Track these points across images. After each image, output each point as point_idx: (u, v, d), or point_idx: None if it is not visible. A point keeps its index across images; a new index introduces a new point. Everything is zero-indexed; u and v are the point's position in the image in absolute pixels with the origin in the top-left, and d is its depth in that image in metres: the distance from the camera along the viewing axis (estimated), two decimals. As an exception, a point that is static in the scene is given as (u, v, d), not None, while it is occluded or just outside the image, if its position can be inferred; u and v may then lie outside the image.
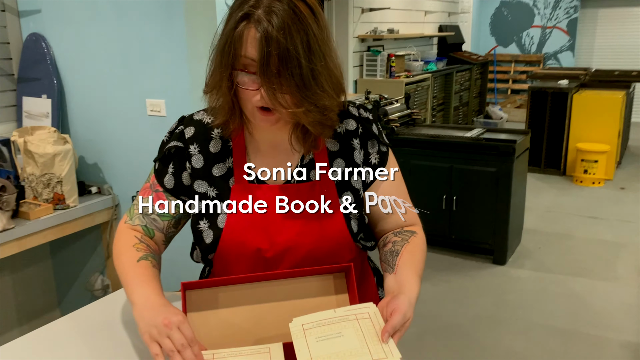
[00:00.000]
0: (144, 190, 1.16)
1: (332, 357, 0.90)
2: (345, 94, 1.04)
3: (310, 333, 0.94)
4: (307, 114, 0.96)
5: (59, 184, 2.28)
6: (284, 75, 0.92)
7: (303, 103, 0.95)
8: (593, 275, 3.41)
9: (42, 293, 2.80)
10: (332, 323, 0.95)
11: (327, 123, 1.02)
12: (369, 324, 0.95)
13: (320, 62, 0.95)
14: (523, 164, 3.68)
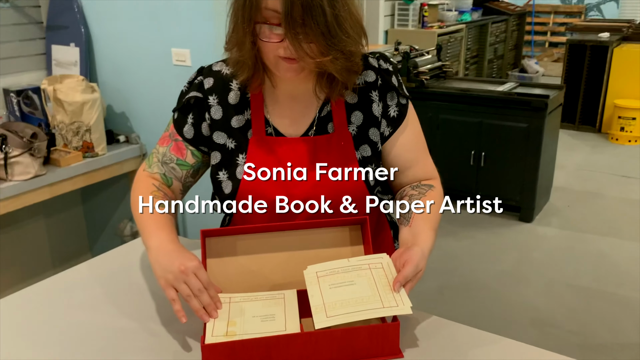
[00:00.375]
0: (163, 139, 1.16)
1: (343, 303, 0.92)
2: (367, 38, 1.01)
3: (323, 280, 0.96)
4: (334, 61, 0.95)
5: (87, 132, 2.32)
6: (308, 25, 0.90)
7: (330, 51, 0.93)
8: (622, 235, 3.36)
9: (74, 238, 2.91)
10: (345, 272, 0.97)
11: (354, 69, 1.01)
12: (382, 274, 0.96)
13: (343, 7, 0.93)
14: (555, 120, 3.58)
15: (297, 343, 0.89)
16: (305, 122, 1.09)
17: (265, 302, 0.97)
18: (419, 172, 1.15)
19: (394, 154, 1.13)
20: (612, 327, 2.51)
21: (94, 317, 1.06)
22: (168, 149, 1.15)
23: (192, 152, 1.14)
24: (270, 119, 1.09)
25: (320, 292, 0.94)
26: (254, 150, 1.07)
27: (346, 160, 1.07)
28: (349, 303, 0.92)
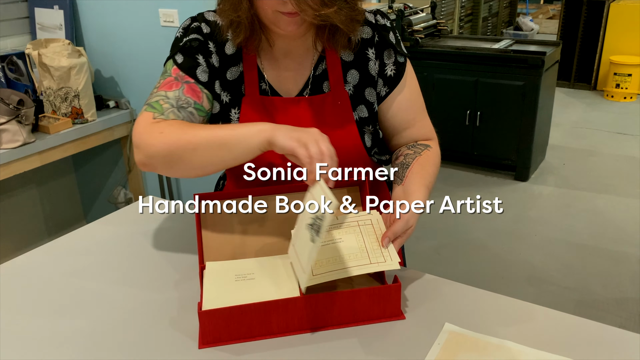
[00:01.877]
0: (167, 85, 0.99)
1: (330, 260, 0.90)
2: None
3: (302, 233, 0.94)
4: (338, 12, 0.90)
5: (76, 97, 2.26)
6: None
7: (334, 1, 0.88)
8: (617, 192, 3.36)
9: (68, 205, 2.88)
10: (333, 229, 0.95)
11: (358, 18, 0.96)
12: (370, 230, 0.95)
13: None
14: (552, 77, 3.54)
15: (297, 307, 0.88)
16: (301, 80, 1.05)
17: (262, 267, 0.96)
18: (416, 133, 1.11)
19: (390, 114, 1.09)
20: (608, 282, 2.53)
21: (90, 284, 1.05)
22: (181, 91, 0.99)
23: (207, 95, 1.02)
24: (266, 75, 1.05)
25: (295, 252, 0.92)
26: (247, 109, 1.03)
27: (343, 120, 1.03)
28: (335, 260, 0.90)
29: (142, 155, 0.93)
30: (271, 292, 0.91)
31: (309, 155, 0.81)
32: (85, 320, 0.94)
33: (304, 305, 0.88)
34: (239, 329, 0.87)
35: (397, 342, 0.87)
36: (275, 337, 0.89)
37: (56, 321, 0.95)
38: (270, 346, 0.87)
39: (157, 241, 1.19)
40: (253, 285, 0.92)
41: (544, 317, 0.93)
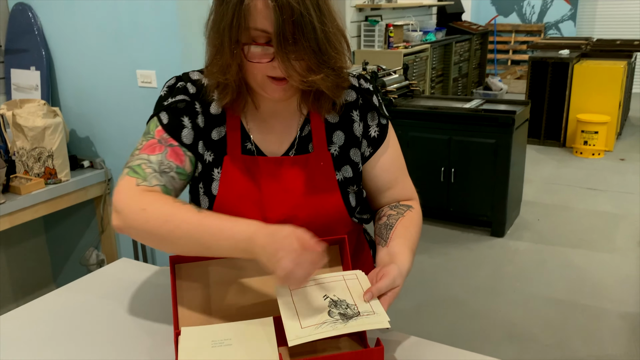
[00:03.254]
0: (150, 148, 0.99)
1: (317, 312, 0.87)
2: (350, 50, 0.99)
3: (295, 293, 0.91)
4: (325, 79, 0.92)
5: (50, 157, 2.23)
6: (300, 43, 0.87)
7: (321, 68, 0.90)
8: (592, 247, 3.40)
9: (37, 268, 2.79)
10: (318, 284, 0.93)
11: (343, 84, 0.99)
12: (357, 284, 0.93)
13: (332, 22, 0.91)
14: (522, 135, 3.63)
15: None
16: (286, 140, 1.06)
17: (240, 333, 0.92)
18: (398, 193, 1.12)
19: (374, 174, 1.10)
20: (588, 339, 2.51)
21: (61, 352, 0.99)
22: (164, 155, 0.99)
23: (190, 158, 1.02)
24: (251, 135, 1.05)
25: (293, 303, 0.89)
26: (229, 168, 1.02)
27: (326, 182, 1.04)
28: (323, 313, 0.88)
29: (121, 222, 0.93)
30: (247, 351, 0.87)
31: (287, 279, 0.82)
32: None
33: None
34: (216, 399, 0.83)
35: (381, 409, 0.84)
36: (253, 407, 0.84)
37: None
38: (248, 417, 0.83)
39: (131, 306, 1.14)
40: (230, 352, 0.88)
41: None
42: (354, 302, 0.90)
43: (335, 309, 0.89)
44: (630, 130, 6.05)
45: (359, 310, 0.89)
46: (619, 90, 5.17)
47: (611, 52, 5.78)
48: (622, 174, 4.67)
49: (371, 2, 5.47)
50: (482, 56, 7.71)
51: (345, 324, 0.86)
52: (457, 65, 6.80)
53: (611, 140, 5.25)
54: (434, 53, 6.14)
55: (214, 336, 0.91)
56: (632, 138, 5.75)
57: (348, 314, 0.88)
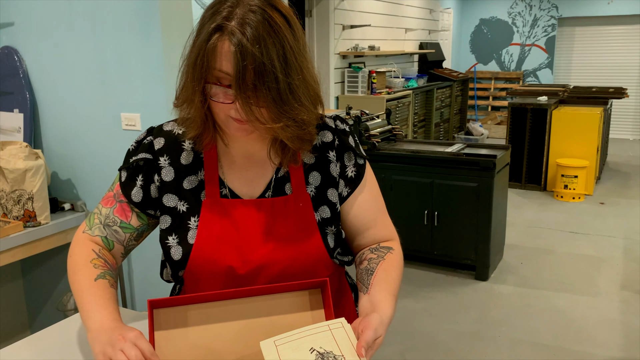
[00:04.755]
0: (106, 200, 1.10)
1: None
2: (323, 106, 1.00)
3: (282, 349, 0.89)
4: (285, 129, 0.92)
5: (29, 200, 2.20)
6: (260, 90, 0.88)
7: (281, 118, 0.90)
8: (575, 290, 3.40)
9: (12, 314, 2.70)
10: (304, 336, 0.91)
11: (306, 137, 0.98)
12: (343, 333, 0.91)
13: (297, 75, 0.91)
14: (504, 178, 3.68)
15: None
16: (262, 183, 1.06)
17: None
18: (378, 234, 1.12)
19: (352, 214, 1.10)
20: (574, 384, 2.48)
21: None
22: (112, 210, 1.08)
23: (138, 214, 1.09)
24: (225, 180, 1.05)
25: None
26: (207, 213, 1.02)
27: (305, 223, 1.03)
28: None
29: None
30: None
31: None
32: None
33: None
34: None
35: None
36: None
37: None
38: None
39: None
40: None
41: None
42: (341, 354, 0.89)
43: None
44: (608, 174, 6.16)
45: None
46: (597, 135, 5.29)
47: (588, 99, 5.95)
48: (603, 217, 4.73)
49: (354, 50, 5.61)
50: (463, 102, 7.88)
51: None
52: (439, 110, 6.94)
53: (591, 184, 5.34)
54: (416, 99, 6.27)
55: None
56: (611, 182, 5.86)
57: None
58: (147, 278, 2.41)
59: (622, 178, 6.04)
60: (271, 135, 0.97)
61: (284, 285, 0.99)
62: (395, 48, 6.64)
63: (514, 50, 8.85)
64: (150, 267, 2.35)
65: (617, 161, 6.84)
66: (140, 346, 0.86)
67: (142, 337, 0.88)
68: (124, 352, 0.85)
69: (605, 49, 8.37)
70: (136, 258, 2.41)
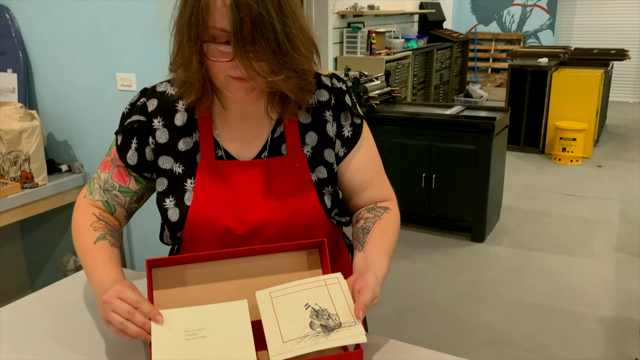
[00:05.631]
0: (104, 165, 1.10)
1: (300, 326, 0.87)
2: (319, 55, 0.98)
3: (278, 302, 0.90)
4: (286, 80, 0.91)
5: (26, 161, 2.19)
6: (259, 43, 0.86)
7: (282, 70, 0.89)
8: (570, 252, 3.44)
9: (13, 275, 2.73)
10: (300, 290, 0.92)
11: (307, 87, 0.97)
12: (338, 289, 0.93)
13: (294, 23, 0.89)
14: (502, 141, 3.67)
15: (254, 377, 0.84)
16: (257, 143, 1.05)
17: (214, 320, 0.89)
18: (375, 194, 1.12)
19: (348, 175, 1.09)
20: (567, 343, 2.54)
21: (36, 354, 0.97)
22: (110, 175, 1.08)
23: (136, 178, 1.08)
24: (221, 141, 1.04)
25: (275, 313, 0.88)
26: (202, 175, 1.02)
27: (301, 183, 1.03)
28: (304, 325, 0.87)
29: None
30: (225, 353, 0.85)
31: (117, 326, 0.87)
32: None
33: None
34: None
35: (360, 412, 0.83)
36: (231, 412, 0.83)
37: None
38: (225, 422, 0.81)
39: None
40: (205, 346, 0.86)
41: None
42: (336, 312, 0.89)
43: (317, 320, 0.88)
44: (607, 138, 6.15)
45: (341, 321, 0.88)
46: (597, 98, 5.26)
47: (588, 61, 5.89)
48: (600, 180, 4.75)
49: (353, 9, 5.50)
50: (463, 64, 7.80)
51: (326, 338, 0.86)
52: (439, 72, 6.87)
53: (589, 147, 5.34)
54: (416, 60, 6.19)
55: (187, 323, 0.88)
56: (609, 145, 5.85)
57: (329, 326, 0.87)
58: (147, 240, 2.43)
59: (620, 141, 6.03)
60: (269, 89, 0.95)
61: (282, 246, 0.99)
62: (395, 8, 6.52)
63: (515, 11, 8.70)
64: (149, 230, 2.36)
65: (616, 124, 6.82)
66: (126, 298, 0.88)
67: (125, 289, 0.89)
68: (116, 312, 0.87)
69: (608, 10, 8.23)
70: (135, 221, 2.42)
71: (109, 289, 0.89)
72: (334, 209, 1.07)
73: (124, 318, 0.86)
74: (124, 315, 0.86)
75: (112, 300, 0.87)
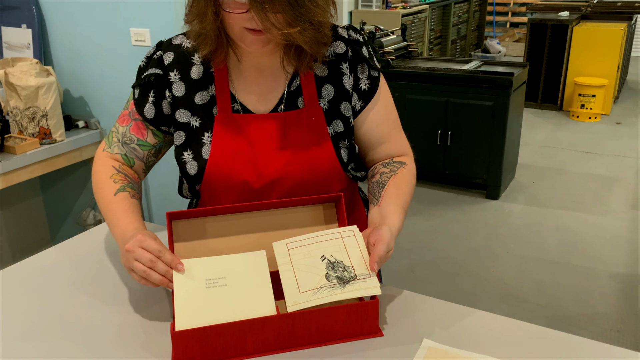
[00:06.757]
0: (122, 118, 1.11)
1: (315, 278, 0.89)
2: (336, 7, 0.97)
3: (294, 253, 0.93)
4: (302, 33, 0.90)
5: (44, 117, 2.21)
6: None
7: (297, 22, 0.88)
8: (585, 209, 3.43)
9: (34, 229, 2.80)
10: (316, 242, 0.94)
11: (323, 40, 0.96)
12: (354, 242, 0.94)
13: None
14: (520, 97, 3.62)
15: (273, 326, 0.86)
16: (274, 97, 1.05)
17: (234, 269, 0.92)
18: (391, 148, 1.11)
19: (365, 129, 1.09)
20: (578, 299, 2.56)
21: (56, 307, 1.01)
22: (128, 128, 1.09)
23: (153, 132, 1.09)
24: (237, 95, 1.04)
25: (291, 264, 0.91)
26: (220, 129, 1.02)
27: (318, 136, 1.03)
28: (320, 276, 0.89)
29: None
30: (244, 302, 0.88)
31: (140, 274, 0.90)
32: (50, 345, 0.91)
33: (280, 324, 0.87)
34: (214, 350, 0.85)
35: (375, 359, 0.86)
36: (250, 358, 0.87)
37: (19, 347, 0.90)
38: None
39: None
40: (225, 294, 0.89)
41: (521, 331, 0.93)
42: (351, 264, 0.91)
43: (333, 272, 0.90)
44: (627, 94, 6.02)
45: (356, 273, 0.90)
46: (618, 53, 5.12)
47: (611, 14, 5.71)
48: (618, 137, 4.68)
49: (369, -39, 5.35)
50: (481, 18, 7.60)
51: (341, 289, 0.88)
52: (456, 27, 6.71)
53: (608, 103, 5.24)
54: (433, 14, 6.05)
55: (208, 272, 0.91)
56: (630, 102, 5.74)
57: (345, 278, 0.89)
58: (165, 195, 2.46)
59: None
60: (285, 42, 0.94)
61: (300, 200, 1.01)
62: (412, -41, 6.32)
63: (536, -38, 8.40)
64: (167, 184, 2.39)
65: (637, 80, 6.66)
66: (147, 247, 0.90)
67: (147, 238, 0.91)
68: (138, 260, 0.89)
69: (634, -40, 7.91)
70: (153, 175, 2.45)
71: (131, 239, 0.91)
72: (350, 163, 1.07)
73: (146, 266, 0.89)
74: (147, 263, 0.89)
75: (134, 249, 0.90)
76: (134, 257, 0.90)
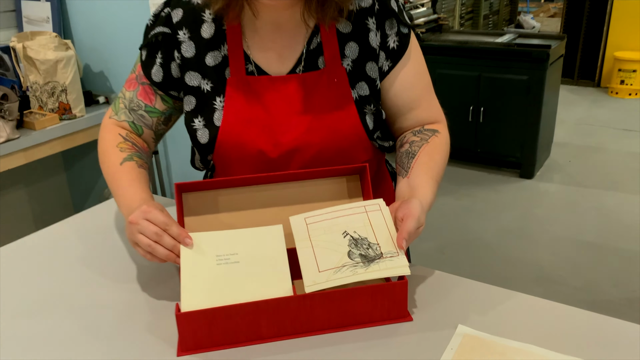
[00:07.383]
0: (129, 82, 1.02)
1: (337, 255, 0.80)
2: None
3: (313, 228, 0.84)
4: None
5: (63, 92, 2.17)
6: None
7: None
8: (624, 189, 3.26)
9: (58, 205, 2.79)
10: (338, 217, 0.85)
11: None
12: (380, 217, 0.85)
13: None
14: (557, 72, 3.44)
15: (290, 308, 0.78)
16: (292, 56, 0.95)
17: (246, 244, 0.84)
18: (422, 114, 1.01)
19: (393, 92, 0.98)
20: (617, 282, 2.43)
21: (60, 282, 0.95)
22: (135, 93, 1.01)
23: (162, 97, 1.01)
24: (251, 55, 0.95)
25: (310, 240, 0.82)
26: (233, 92, 0.93)
27: (340, 100, 0.93)
28: (342, 254, 0.80)
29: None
30: (258, 281, 0.80)
31: (144, 248, 0.83)
32: (49, 322, 0.85)
33: (298, 305, 0.78)
34: (224, 334, 0.77)
35: (404, 347, 0.77)
36: (264, 343, 0.79)
37: (22, 324, 0.85)
38: (259, 353, 0.77)
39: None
40: (237, 272, 0.81)
41: (564, 316, 0.84)
42: (376, 241, 0.82)
43: (356, 249, 0.81)
44: (670, 70, 5.73)
45: (382, 251, 0.81)
46: (662, 25, 4.86)
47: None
48: (661, 114, 4.45)
49: None
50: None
51: (365, 269, 0.79)
52: (488, 1, 6.48)
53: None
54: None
55: (218, 248, 0.83)
56: (673, 77, 5.46)
57: (369, 256, 0.80)
58: (187, 172, 2.40)
59: (685, 73, 5.62)
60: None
61: (321, 171, 0.92)
62: None
63: None
64: (187, 159, 2.33)
65: (681, 55, 6.34)
66: (153, 219, 0.83)
67: (153, 210, 0.84)
68: (143, 233, 0.82)
69: None
70: (175, 151, 2.40)
71: (136, 210, 0.84)
72: (376, 130, 0.97)
73: (151, 240, 0.82)
74: (152, 237, 0.82)
75: (139, 222, 0.83)
76: (139, 229, 0.82)
